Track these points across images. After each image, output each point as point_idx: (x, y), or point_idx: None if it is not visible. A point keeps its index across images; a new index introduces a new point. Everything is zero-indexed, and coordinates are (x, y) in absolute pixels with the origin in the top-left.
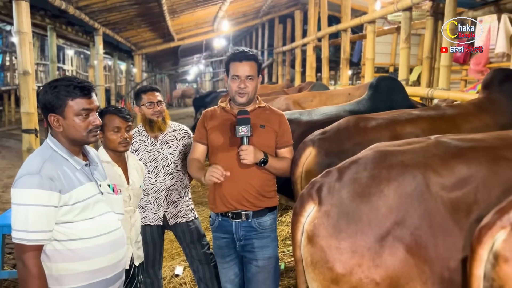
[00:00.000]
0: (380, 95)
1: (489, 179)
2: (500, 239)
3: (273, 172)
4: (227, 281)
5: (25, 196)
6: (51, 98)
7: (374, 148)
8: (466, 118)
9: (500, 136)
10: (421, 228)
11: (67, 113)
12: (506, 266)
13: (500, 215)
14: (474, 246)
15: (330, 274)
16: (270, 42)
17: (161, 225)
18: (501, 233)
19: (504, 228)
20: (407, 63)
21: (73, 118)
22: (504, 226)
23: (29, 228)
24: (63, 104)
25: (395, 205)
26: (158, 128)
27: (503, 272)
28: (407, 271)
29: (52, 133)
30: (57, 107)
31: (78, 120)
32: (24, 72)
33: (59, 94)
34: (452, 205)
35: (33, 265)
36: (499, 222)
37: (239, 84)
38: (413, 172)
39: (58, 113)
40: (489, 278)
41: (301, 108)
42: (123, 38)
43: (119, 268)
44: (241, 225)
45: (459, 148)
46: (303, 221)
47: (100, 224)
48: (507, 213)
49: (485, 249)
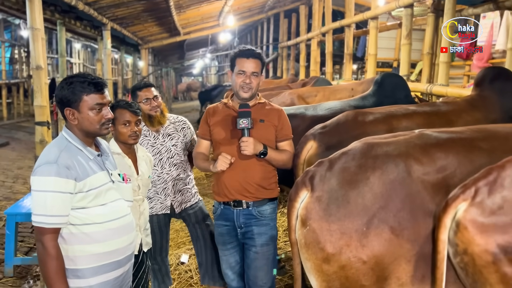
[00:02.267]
0: (385, 91)
1: (465, 166)
2: (461, 210)
3: (273, 163)
4: (227, 268)
5: (44, 183)
6: (67, 94)
7: (363, 140)
8: (459, 115)
9: (478, 129)
10: (404, 210)
11: (82, 107)
12: (466, 232)
13: (463, 190)
14: (440, 215)
15: (321, 253)
16: (275, 36)
17: (168, 213)
18: (462, 205)
19: (466, 200)
20: (408, 59)
21: (88, 112)
22: (466, 199)
23: (48, 212)
24: (79, 99)
25: (379, 190)
26: (158, 122)
27: (464, 238)
28: (392, 250)
29: (67, 126)
30: (73, 102)
31: (92, 114)
32: (37, 66)
33: (75, 90)
34: (433, 189)
35: (52, 246)
36: (462, 195)
37: (244, 79)
38: (395, 161)
39: (74, 107)
40: (453, 243)
41: (305, 102)
42: (130, 32)
43: (129, 251)
44: (242, 213)
45: (439, 139)
46: (298, 206)
47: (111, 210)
48: (469, 188)
49: (449, 218)
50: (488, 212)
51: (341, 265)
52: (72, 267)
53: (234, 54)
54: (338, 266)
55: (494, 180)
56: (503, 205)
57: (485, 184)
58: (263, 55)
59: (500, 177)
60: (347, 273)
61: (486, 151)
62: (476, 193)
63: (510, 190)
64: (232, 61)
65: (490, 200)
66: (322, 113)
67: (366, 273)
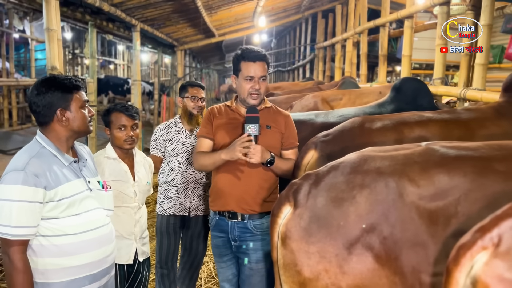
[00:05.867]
0: (404, 97)
1: (473, 192)
2: (480, 262)
3: (278, 173)
4: (224, 280)
5: (10, 192)
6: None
7: (360, 152)
8: (482, 123)
9: (498, 146)
10: (392, 238)
11: (73, 106)
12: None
13: (481, 234)
14: (451, 268)
15: (298, 277)
16: (313, 37)
17: (185, 216)
18: (481, 255)
19: (486, 249)
20: (443, 61)
21: (79, 111)
22: (486, 247)
23: (13, 223)
24: (70, 98)
25: (365, 212)
26: (196, 122)
27: None
28: (376, 281)
29: (41, 130)
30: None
31: (83, 112)
32: (52, 67)
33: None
34: (429, 217)
35: (18, 259)
36: (480, 241)
37: (253, 85)
38: (386, 179)
39: (65, 108)
40: None
41: (329, 106)
42: (163, 34)
43: (106, 264)
44: (237, 225)
45: (444, 157)
46: (280, 222)
47: (86, 220)
48: (489, 231)
49: (463, 272)
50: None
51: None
52: (42, 281)
53: (238, 56)
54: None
55: None
56: None
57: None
58: (267, 56)
59: None
60: None
61: (503, 174)
62: (501, 238)
63: None
64: (236, 64)
65: None
66: (333, 120)
67: None
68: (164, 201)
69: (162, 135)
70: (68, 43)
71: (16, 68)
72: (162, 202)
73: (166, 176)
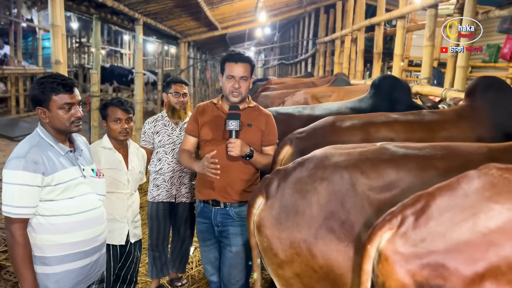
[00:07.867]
0: (382, 93)
1: (416, 185)
2: (384, 239)
3: (258, 166)
4: (207, 263)
5: (12, 176)
6: (38, 93)
7: (323, 149)
8: (443, 125)
9: (441, 147)
10: (349, 223)
11: (52, 107)
12: (386, 265)
13: (390, 217)
14: (366, 243)
15: (275, 259)
16: (315, 31)
17: (172, 202)
18: (387, 234)
19: (391, 230)
20: (430, 61)
21: (57, 111)
22: (392, 228)
23: (15, 203)
24: (48, 98)
25: (325, 201)
26: (178, 116)
27: (384, 269)
28: (341, 261)
29: (41, 123)
30: (43, 101)
31: (61, 112)
32: (56, 61)
33: (45, 90)
34: (379, 205)
35: (19, 235)
36: (388, 224)
37: (233, 84)
38: (341, 172)
39: (44, 107)
40: (375, 274)
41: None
42: (167, 27)
43: (97, 243)
44: (219, 212)
45: (394, 155)
46: (254, 212)
47: (79, 203)
48: (395, 216)
49: (373, 247)
50: (410, 244)
51: (295, 272)
52: (39, 254)
53: (223, 58)
54: (292, 272)
55: (421, 209)
56: (426, 238)
57: (412, 213)
58: (252, 59)
59: (428, 206)
60: (302, 280)
61: (440, 171)
62: (403, 222)
63: (436, 221)
64: (222, 64)
65: (414, 231)
66: (318, 113)
67: (319, 281)
68: (153, 189)
69: (150, 128)
70: (75, 32)
71: (23, 56)
72: (152, 190)
73: (155, 166)
